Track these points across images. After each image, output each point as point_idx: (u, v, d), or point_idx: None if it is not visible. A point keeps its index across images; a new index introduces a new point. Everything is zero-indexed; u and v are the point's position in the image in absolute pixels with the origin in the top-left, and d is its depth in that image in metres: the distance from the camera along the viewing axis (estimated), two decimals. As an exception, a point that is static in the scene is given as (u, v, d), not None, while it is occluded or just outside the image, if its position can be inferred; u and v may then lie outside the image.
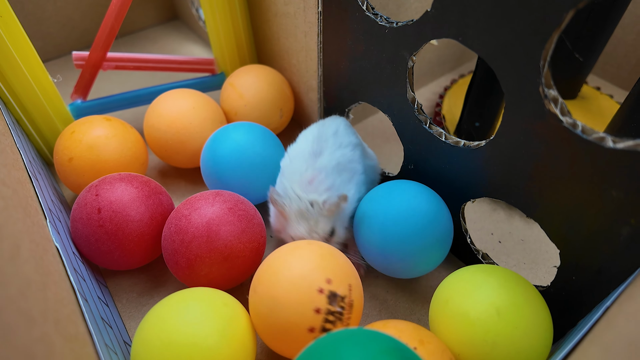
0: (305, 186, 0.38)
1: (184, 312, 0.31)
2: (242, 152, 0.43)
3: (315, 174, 0.39)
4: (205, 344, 0.29)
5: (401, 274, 0.39)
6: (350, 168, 0.41)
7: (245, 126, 0.45)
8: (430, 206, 0.38)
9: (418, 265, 0.38)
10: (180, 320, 0.30)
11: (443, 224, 0.38)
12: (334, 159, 0.40)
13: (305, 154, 0.41)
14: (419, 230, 0.36)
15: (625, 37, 0.62)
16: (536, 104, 0.29)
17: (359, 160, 0.43)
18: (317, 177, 0.39)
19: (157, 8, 0.77)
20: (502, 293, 0.31)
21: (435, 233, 0.37)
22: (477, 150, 0.35)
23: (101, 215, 0.37)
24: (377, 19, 0.38)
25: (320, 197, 0.38)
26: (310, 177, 0.39)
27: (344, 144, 0.42)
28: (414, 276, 0.40)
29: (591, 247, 0.31)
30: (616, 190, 0.27)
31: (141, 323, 0.31)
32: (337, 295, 0.31)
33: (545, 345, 0.31)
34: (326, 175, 0.39)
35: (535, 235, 0.46)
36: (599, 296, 0.32)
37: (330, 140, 0.41)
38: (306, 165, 0.40)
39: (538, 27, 0.26)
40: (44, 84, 0.47)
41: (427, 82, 0.67)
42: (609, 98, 0.59)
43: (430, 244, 0.37)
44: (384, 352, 0.21)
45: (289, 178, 0.40)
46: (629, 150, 0.26)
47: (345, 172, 0.41)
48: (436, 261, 0.39)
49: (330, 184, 0.39)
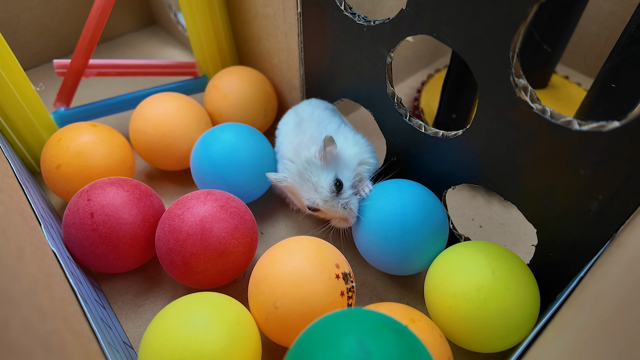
0: (296, 150, 0.40)
1: (190, 318, 0.31)
2: (233, 152, 0.44)
3: (301, 136, 0.41)
4: (214, 349, 0.29)
5: (400, 271, 0.40)
6: (333, 121, 0.44)
7: (233, 127, 0.46)
8: (425, 204, 0.38)
9: (417, 262, 0.39)
10: (187, 327, 0.30)
11: (439, 219, 0.39)
12: (314, 118, 0.43)
13: (289, 127, 0.43)
14: (416, 228, 0.37)
15: (590, 27, 0.65)
16: (507, 93, 0.31)
17: (340, 118, 0.46)
18: (304, 138, 0.41)
19: (135, 13, 0.77)
20: (499, 259, 0.33)
21: (432, 229, 0.38)
22: (455, 140, 0.37)
23: (94, 220, 0.38)
24: (355, 18, 0.39)
25: (310, 151, 0.39)
26: (298, 141, 0.41)
27: (321, 107, 0.45)
28: (415, 272, 0.40)
29: (565, 223, 0.33)
30: (584, 169, 0.30)
31: (146, 331, 0.31)
32: (347, 274, 0.35)
33: (531, 313, 0.33)
34: (311, 133, 0.41)
35: (513, 219, 0.49)
36: (574, 270, 0.35)
37: (307, 108, 0.45)
38: (293, 135, 0.42)
39: (506, 20, 0.28)
40: (27, 92, 0.47)
41: (404, 77, 0.69)
42: (577, 86, 0.62)
43: (427, 240, 0.38)
44: (377, 326, 0.22)
45: (283, 154, 0.42)
46: (594, 131, 0.28)
47: (330, 125, 0.43)
48: (434, 256, 0.39)
49: (316, 137, 0.40)
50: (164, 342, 0.29)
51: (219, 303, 0.33)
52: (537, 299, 0.33)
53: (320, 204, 0.38)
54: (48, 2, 0.65)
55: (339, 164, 0.40)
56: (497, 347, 0.34)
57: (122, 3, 0.74)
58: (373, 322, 0.23)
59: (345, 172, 0.40)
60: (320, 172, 0.38)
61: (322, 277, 0.33)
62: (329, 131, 0.42)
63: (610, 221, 0.30)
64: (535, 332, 0.29)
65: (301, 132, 0.42)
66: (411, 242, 0.37)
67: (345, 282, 0.35)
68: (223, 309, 0.32)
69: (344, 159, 0.40)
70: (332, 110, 0.46)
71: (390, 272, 0.41)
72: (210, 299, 0.33)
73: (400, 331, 0.23)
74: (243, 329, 0.32)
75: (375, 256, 0.39)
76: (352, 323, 0.23)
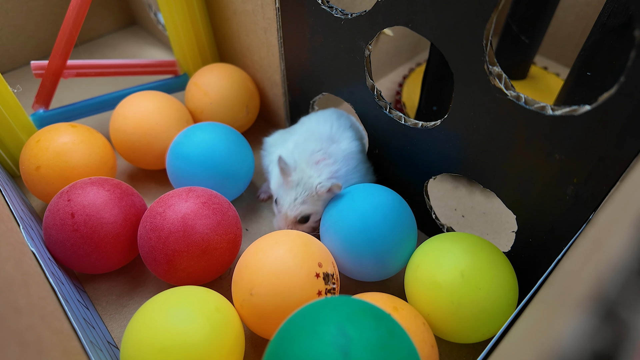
0: (311, 165, 0.40)
1: (171, 310, 0.31)
2: (207, 152, 0.44)
3: (325, 157, 0.41)
4: (194, 339, 0.29)
5: (375, 278, 0.40)
6: (357, 157, 0.43)
7: (208, 126, 0.46)
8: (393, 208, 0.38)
9: (389, 269, 0.38)
10: (169, 319, 0.30)
11: (407, 223, 0.38)
12: (348, 149, 0.43)
13: (322, 136, 0.43)
14: (385, 234, 0.37)
15: (566, 19, 0.66)
16: (482, 81, 0.31)
17: (364, 150, 0.45)
18: (325, 161, 0.41)
19: (114, 14, 0.77)
20: (467, 257, 0.33)
21: (401, 232, 0.38)
22: (434, 130, 0.38)
23: (75, 220, 0.37)
24: (332, 11, 0.39)
25: (318, 179, 0.40)
26: (320, 158, 0.41)
27: (357, 137, 0.45)
28: (390, 275, 0.40)
29: (543, 208, 0.34)
30: (559, 153, 0.30)
31: (129, 325, 0.31)
32: (329, 275, 0.34)
33: (508, 304, 0.33)
34: (334, 162, 0.41)
35: (495, 208, 0.49)
36: (554, 254, 0.35)
37: (348, 132, 0.44)
38: (320, 147, 0.42)
39: (478, 8, 0.29)
40: (4, 95, 0.46)
41: (387, 72, 0.69)
42: (555, 76, 0.63)
43: (396, 244, 0.37)
44: (356, 312, 0.22)
45: (300, 154, 0.42)
46: (566, 115, 0.28)
47: (353, 161, 0.43)
48: (406, 257, 0.39)
49: (335, 170, 0.41)
50: (145, 335, 0.29)
51: (198, 294, 0.33)
52: (513, 288, 0.33)
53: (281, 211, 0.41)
54: (24, 4, 0.65)
55: (323, 203, 0.41)
56: (477, 338, 0.34)
57: (101, 4, 0.73)
58: (352, 309, 0.23)
59: (318, 215, 0.41)
60: (306, 198, 0.40)
61: (301, 272, 0.33)
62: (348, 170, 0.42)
63: (586, 204, 0.31)
64: (512, 318, 0.30)
65: (327, 153, 0.42)
66: (381, 250, 0.37)
67: (325, 282, 0.34)
68: (203, 299, 0.32)
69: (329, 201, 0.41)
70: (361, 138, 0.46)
71: (367, 280, 0.41)
72: (190, 291, 0.33)
73: (379, 316, 0.23)
74: (223, 316, 0.32)
75: (349, 270, 0.39)
76: (331, 310, 0.23)
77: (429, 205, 0.44)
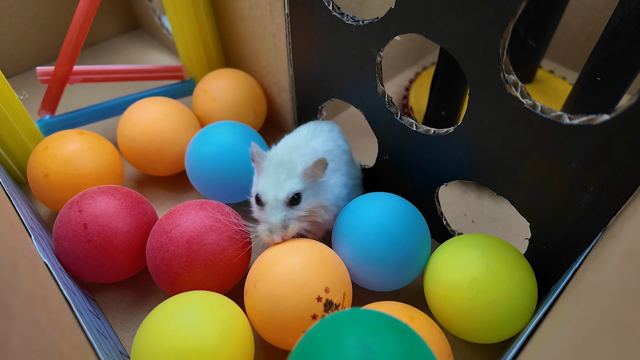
0: (289, 147, 0.40)
1: (182, 316, 0.31)
2: (229, 150, 0.44)
3: (305, 145, 0.41)
4: (206, 346, 0.29)
5: (393, 286, 0.39)
6: (336, 162, 0.42)
7: (228, 125, 0.46)
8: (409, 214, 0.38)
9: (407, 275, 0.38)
10: (180, 324, 0.30)
11: (422, 229, 0.38)
12: (326, 146, 0.42)
13: (301, 138, 0.42)
14: (404, 240, 0.36)
15: (572, 22, 0.66)
16: (498, 89, 0.31)
17: (346, 163, 0.44)
18: (305, 147, 0.40)
19: (118, 18, 0.76)
20: (494, 252, 0.34)
21: (418, 238, 0.37)
22: (447, 137, 0.38)
23: (88, 231, 0.37)
24: (343, 18, 0.39)
25: (301, 155, 0.38)
26: (298, 143, 0.41)
27: (337, 142, 0.44)
28: (406, 284, 0.39)
29: (557, 216, 0.34)
30: (575, 162, 0.30)
31: (139, 330, 0.31)
32: (333, 304, 0.33)
33: (525, 305, 0.33)
34: (314, 148, 0.40)
35: (505, 213, 0.49)
36: (567, 262, 0.35)
37: (325, 133, 0.44)
38: (296, 138, 0.42)
39: (495, 17, 0.29)
40: (10, 101, 0.46)
41: (392, 76, 0.69)
42: (562, 80, 0.63)
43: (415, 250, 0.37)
44: (379, 326, 0.22)
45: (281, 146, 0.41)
46: (583, 124, 0.28)
47: (332, 163, 0.41)
48: (423, 264, 0.38)
49: (316, 155, 0.39)
50: (154, 341, 0.29)
51: (210, 300, 0.33)
52: (533, 292, 0.33)
53: (267, 200, 0.36)
54: (28, 9, 0.64)
55: (312, 188, 0.38)
56: (491, 338, 0.34)
57: (105, 8, 0.73)
58: (374, 322, 0.23)
59: (310, 198, 0.38)
60: (293, 177, 0.37)
61: (303, 289, 0.32)
62: (333, 165, 0.41)
63: (601, 213, 0.31)
64: (533, 325, 0.30)
65: (307, 141, 0.41)
66: (400, 257, 0.36)
67: (324, 309, 0.32)
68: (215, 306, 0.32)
69: (319, 189, 0.39)
70: (342, 149, 0.44)
71: (383, 290, 0.40)
72: (202, 297, 0.33)
73: (401, 329, 0.23)
74: (233, 320, 0.32)
75: (364, 280, 0.38)
76: (353, 324, 0.23)
77: (440, 212, 0.44)
